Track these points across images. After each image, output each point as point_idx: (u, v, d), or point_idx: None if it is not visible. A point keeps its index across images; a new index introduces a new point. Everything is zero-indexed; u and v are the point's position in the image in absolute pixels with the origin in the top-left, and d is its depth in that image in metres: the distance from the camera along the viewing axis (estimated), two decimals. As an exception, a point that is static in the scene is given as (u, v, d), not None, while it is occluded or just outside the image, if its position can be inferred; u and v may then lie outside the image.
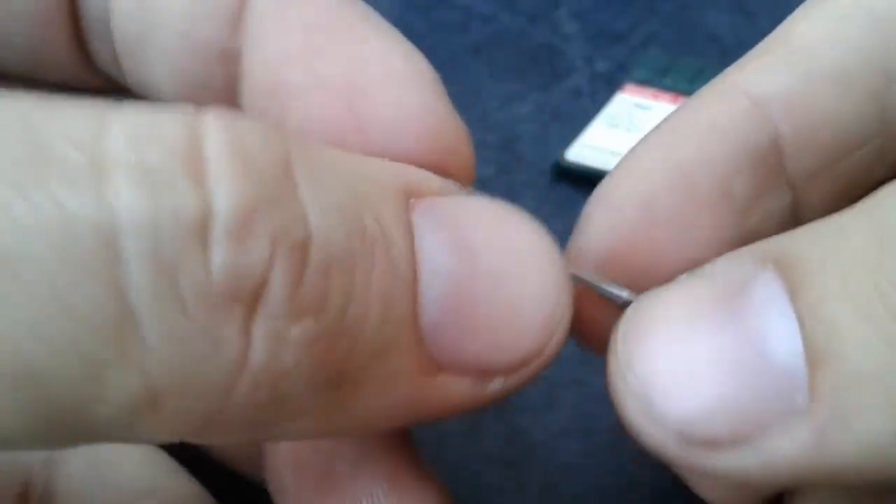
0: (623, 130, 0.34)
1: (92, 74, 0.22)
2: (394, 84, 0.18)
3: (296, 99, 0.18)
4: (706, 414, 0.15)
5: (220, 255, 0.13)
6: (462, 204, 0.17)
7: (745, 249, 0.16)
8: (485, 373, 0.16)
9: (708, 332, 0.15)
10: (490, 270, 0.16)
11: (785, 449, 0.15)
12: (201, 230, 0.13)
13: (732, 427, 0.15)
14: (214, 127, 0.14)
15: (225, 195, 0.13)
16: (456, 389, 0.16)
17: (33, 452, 0.21)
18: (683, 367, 0.15)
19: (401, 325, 0.15)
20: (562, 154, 0.34)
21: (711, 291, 0.16)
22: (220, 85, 0.20)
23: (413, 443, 0.21)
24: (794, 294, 0.15)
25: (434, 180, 0.17)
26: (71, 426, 0.13)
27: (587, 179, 0.33)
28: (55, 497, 0.21)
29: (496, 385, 0.16)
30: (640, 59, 0.38)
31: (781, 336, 0.15)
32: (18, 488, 0.21)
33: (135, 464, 0.21)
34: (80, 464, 0.21)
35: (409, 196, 0.16)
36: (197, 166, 0.13)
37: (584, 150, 0.34)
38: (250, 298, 0.14)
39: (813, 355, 0.14)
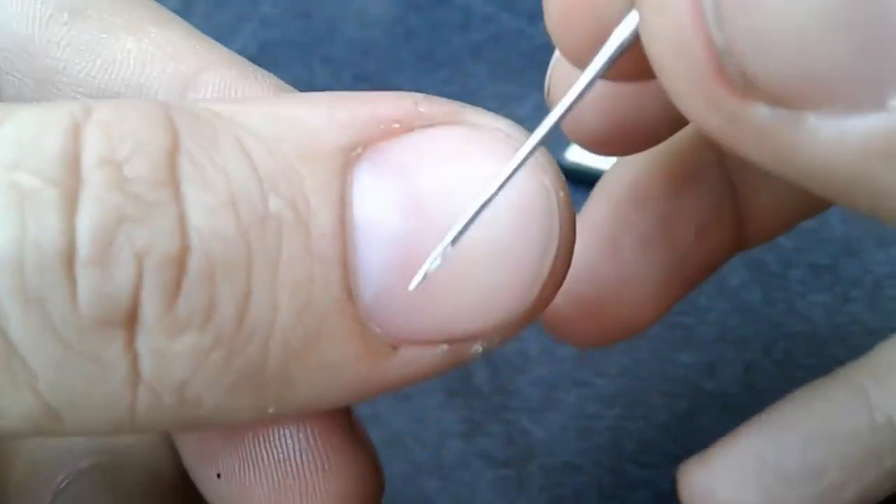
0: (623, 130, 0.34)
1: None
2: None
3: None
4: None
5: (86, 282, 0.13)
6: (417, 141, 0.14)
7: None
8: (459, 340, 0.15)
9: None
10: (444, 223, 0.14)
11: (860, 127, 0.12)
12: (68, 259, 0.13)
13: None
14: (94, 132, 0.13)
15: (88, 216, 0.13)
16: (427, 358, 0.15)
17: None
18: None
19: (327, 312, 0.14)
20: (562, 154, 0.34)
21: None
22: None
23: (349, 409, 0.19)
24: None
25: (397, 112, 0.15)
26: None
27: (587, 179, 0.33)
28: None
29: (476, 349, 0.15)
30: (639, 59, 0.38)
31: None
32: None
33: None
34: None
35: (356, 147, 0.14)
36: (70, 184, 0.13)
37: (584, 150, 0.34)
38: (126, 321, 0.13)
39: None
